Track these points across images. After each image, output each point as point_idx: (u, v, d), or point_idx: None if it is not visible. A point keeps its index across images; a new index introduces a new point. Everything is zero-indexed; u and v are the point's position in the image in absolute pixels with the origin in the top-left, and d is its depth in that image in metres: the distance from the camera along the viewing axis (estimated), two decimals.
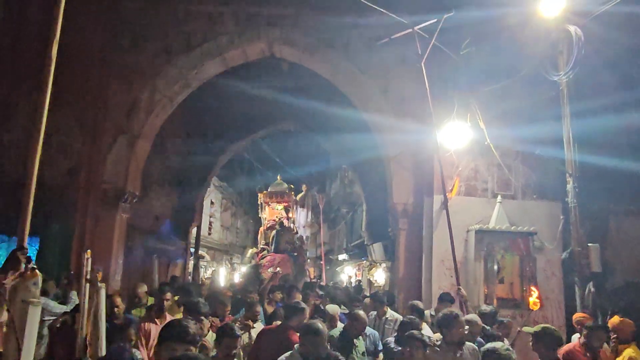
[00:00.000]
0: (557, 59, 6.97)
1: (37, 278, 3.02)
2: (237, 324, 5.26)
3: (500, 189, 7.81)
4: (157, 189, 10.19)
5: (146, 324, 4.82)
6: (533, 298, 5.78)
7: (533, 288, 5.97)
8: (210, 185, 13.57)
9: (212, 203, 19.51)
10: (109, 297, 4.92)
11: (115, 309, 4.76)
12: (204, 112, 11.12)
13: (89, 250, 3.88)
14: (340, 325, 5.21)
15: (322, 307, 6.42)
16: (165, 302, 4.98)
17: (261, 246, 15.93)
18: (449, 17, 6.85)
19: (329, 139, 12.62)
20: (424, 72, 6.81)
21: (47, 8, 3.44)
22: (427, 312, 5.93)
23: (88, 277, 3.62)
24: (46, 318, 5.71)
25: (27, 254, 3.01)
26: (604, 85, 7.32)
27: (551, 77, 6.98)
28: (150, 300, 6.05)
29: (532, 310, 7.17)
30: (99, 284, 3.66)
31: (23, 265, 2.96)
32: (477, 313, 5.52)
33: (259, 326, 5.36)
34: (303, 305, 4.80)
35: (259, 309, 5.68)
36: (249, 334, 5.23)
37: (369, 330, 5.20)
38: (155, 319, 4.88)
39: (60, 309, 5.89)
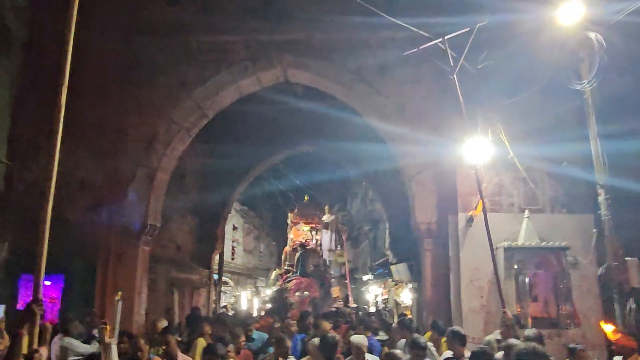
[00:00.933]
0: (579, 67, 6.77)
1: None
2: None
3: (527, 204, 7.56)
4: (178, 219, 10.19)
5: None
6: (609, 328, 5.34)
7: (613, 328, 5.37)
8: (231, 211, 13.53)
9: (234, 228, 19.50)
10: (132, 339, 4.79)
11: (139, 353, 4.54)
12: (222, 139, 11.14)
13: (119, 292, 3.80)
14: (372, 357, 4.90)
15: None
16: (169, 347, 4.79)
17: (285, 267, 15.71)
18: (466, 30, 6.70)
19: (347, 158, 12.52)
20: (457, 84, 6.56)
21: (64, 53, 3.43)
22: (491, 337, 5.50)
23: (117, 323, 3.55)
24: (71, 359, 5.67)
25: (42, 306, 2.94)
26: (627, 93, 7.06)
27: (574, 86, 6.78)
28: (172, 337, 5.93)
29: (569, 329, 6.90)
30: (107, 340, 3.56)
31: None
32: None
33: None
34: (337, 337, 4.54)
35: (290, 343, 5.28)
36: None
37: None
38: None
39: (84, 348, 5.83)
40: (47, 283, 6.99)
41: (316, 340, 5.13)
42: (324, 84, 8.51)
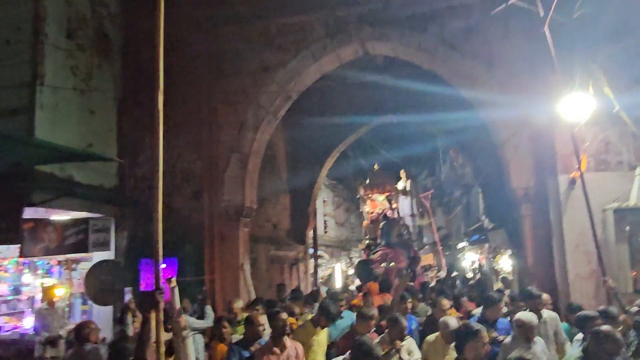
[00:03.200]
0: None
1: None
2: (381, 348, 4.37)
3: (639, 160, 6.94)
4: (273, 199, 10.64)
5: (265, 357, 4.12)
6: None
7: None
8: (320, 187, 13.82)
9: (324, 202, 19.90)
10: (248, 322, 4.67)
11: (224, 330, 4.62)
12: (307, 116, 11.34)
13: (173, 279, 3.95)
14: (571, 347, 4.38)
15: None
16: (284, 326, 4.25)
17: (367, 242, 15.45)
18: None
19: (434, 124, 12.19)
20: (548, 36, 6.12)
21: (156, 60, 3.69)
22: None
23: (178, 307, 3.68)
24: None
25: (164, 293, 3.26)
26: None
27: None
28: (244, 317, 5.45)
29: None
30: (184, 333, 3.55)
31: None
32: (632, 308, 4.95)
33: (408, 343, 4.59)
34: (478, 327, 3.83)
35: (406, 323, 4.69)
36: (399, 358, 4.38)
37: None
38: (274, 348, 4.19)
39: (199, 324, 6.40)
40: (163, 266, 7.68)
41: (447, 319, 4.61)
42: (406, 52, 8.29)
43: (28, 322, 7.98)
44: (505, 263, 11.56)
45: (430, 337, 4.78)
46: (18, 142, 5.41)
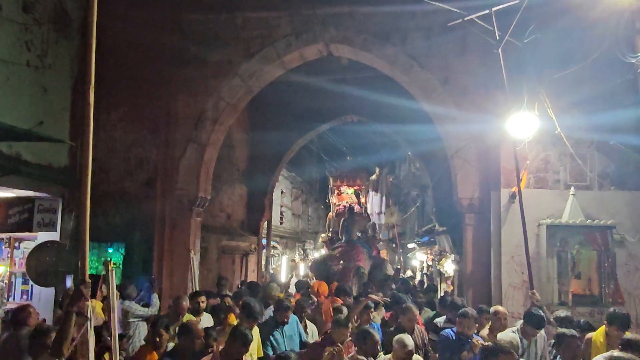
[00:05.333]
0: (635, 39, 6.44)
1: None
2: None
3: (574, 180, 7.41)
4: (228, 189, 10.67)
5: None
6: None
7: None
8: (278, 179, 13.89)
9: (282, 192, 20.00)
10: (183, 329, 4.24)
11: (157, 339, 4.13)
12: (269, 109, 11.41)
13: (111, 261, 3.80)
14: None
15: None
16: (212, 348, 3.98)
17: (329, 235, 15.28)
18: (515, 2, 6.47)
19: (394, 128, 12.48)
20: (502, 60, 6.45)
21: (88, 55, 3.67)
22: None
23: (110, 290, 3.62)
24: (131, 320, 6.30)
25: (90, 287, 3.26)
26: None
27: (628, 59, 6.47)
28: (187, 317, 5.22)
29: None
30: None
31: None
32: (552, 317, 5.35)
33: None
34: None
35: (378, 337, 4.18)
36: None
37: None
38: None
39: (142, 311, 6.44)
40: (110, 250, 7.65)
41: (403, 337, 4.12)
42: (368, 57, 8.47)
43: None
44: (449, 267, 12.04)
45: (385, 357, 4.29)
46: None
